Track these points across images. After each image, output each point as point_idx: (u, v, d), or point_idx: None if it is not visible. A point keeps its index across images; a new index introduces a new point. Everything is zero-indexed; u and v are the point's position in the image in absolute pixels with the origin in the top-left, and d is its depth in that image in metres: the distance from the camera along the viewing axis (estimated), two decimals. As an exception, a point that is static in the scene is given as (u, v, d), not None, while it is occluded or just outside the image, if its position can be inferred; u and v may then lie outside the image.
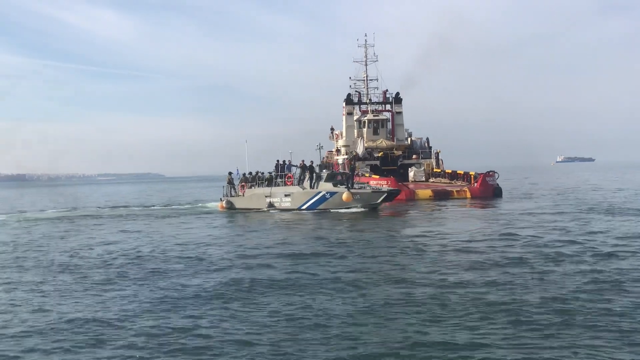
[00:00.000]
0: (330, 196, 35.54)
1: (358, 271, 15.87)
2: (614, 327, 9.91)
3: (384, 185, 42.05)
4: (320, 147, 39.96)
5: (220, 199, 41.69)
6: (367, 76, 60.16)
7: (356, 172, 41.39)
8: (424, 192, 45.30)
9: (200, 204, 48.28)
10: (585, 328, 9.90)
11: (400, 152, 54.30)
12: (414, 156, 53.71)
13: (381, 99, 59.89)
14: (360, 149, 53.75)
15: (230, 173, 42.71)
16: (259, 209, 38.33)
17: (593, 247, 18.27)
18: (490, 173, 45.98)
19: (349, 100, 58.77)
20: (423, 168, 51.56)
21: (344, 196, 34.44)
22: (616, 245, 18.75)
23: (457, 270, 15.43)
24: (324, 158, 65.42)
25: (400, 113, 58.83)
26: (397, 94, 59.20)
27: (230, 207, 40.07)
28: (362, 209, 34.88)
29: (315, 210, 35.55)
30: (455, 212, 34.47)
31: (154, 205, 50.38)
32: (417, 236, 22.88)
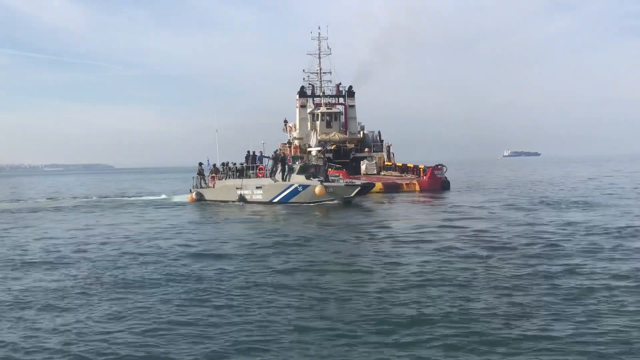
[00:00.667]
0: (303, 189, 34.35)
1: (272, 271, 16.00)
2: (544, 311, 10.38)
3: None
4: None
5: (190, 190, 40.72)
6: (320, 69, 60.28)
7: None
8: (375, 185, 45.83)
9: (152, 197, 47.52)
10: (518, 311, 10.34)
11: (352, 145, 54.87)
12: (366, 149, 54.34)
13: (334, 92, 60.32)
14: (313, 142, 53.79)
15: (200, 164, 41.21)
16: (230, 201, 37.31)
17: (535, 237, 19.00)
18: (439, 166, 46.87)
19: (302, 93, 58.94)
20: (375, 161, 52.14)
21: (317, 190, 33.39)
22: (554, 233, 19.57)
23: (395, 258, 15.79)
24: (277, 150, 65.58)
25: (353, 106, 59.36)
26: (350, 87, 59.73)
27: (200, 198, 39.06)
28: (335, 202, 33.90)
29: (287, 204, 34.45)
30: (402, 204, 35.28)
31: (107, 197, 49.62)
32: (359, 228, 23.24)
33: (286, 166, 35.64)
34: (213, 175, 40.03)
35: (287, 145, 57.96)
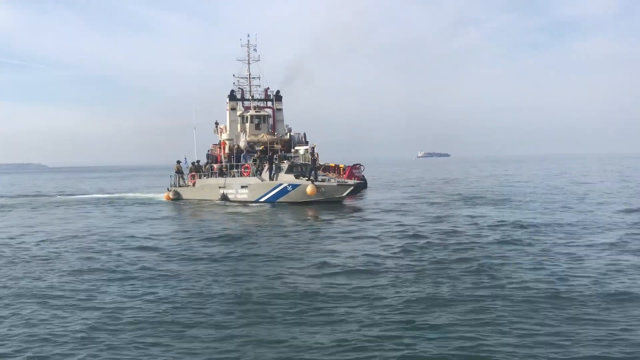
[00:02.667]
0: (292, 189, 32.13)
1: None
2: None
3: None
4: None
5: (168, 189, 38.60)
6: (250, 74, 60.29)
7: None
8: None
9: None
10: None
11: (280, 146, 55.32)
12: (293, 150, 54.95)
13: (263, 96, 60.61)
14: (242, 143, 54.00)
15: (178, 162, 39.54)
16: (210, 200, 35.04)
17: (442, 230, 20.28)
18: (357, 166, 48.22)
19: (232, 97, 58.87)
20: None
21: (308, 189, 31.11)
22: (459, 224, 20.96)
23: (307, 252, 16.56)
24: (209, 150, 64.99)
25: (280, 110, 59.75)
26: (278, 92, 60.18)
27: (178, 197, 36.79)
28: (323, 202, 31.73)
29: (275, 203, 32.56)
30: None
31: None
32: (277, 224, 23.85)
33: (273, 165, 33.37)
34: (193, 173, 37.78)
35: (219, 146, 57.73)
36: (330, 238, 18.77)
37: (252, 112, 57.38)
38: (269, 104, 60.45)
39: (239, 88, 60.56)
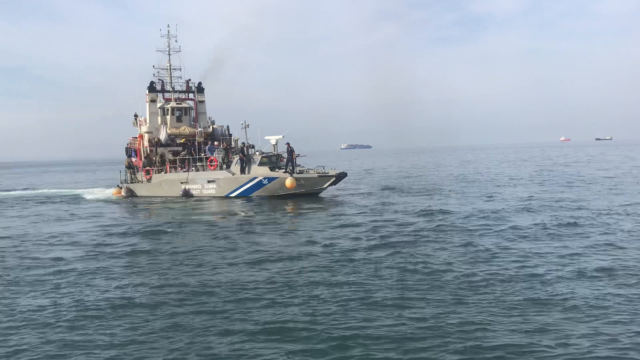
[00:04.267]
0: (269, 182, 30.40)
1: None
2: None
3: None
4: (247, 126, 32.09)
5: (118, 185, 35.18)
6: (170, 65, 58.43)
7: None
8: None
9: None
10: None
11: (202, 139, 54.02)
12: (216, 143, 53.81)
13: (184, 88, 58.91)
14: (162, 136, 52.26)
15: (129, 156, 36.36)
16: (170, 196, 31.90)
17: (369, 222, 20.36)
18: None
19: (152, 88, 56.98)
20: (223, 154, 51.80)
21: (288, 182, 29.55)
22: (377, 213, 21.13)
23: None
24: (128, 143, 62.44)
25: (202, 102, 58.37)
26: (200, 83, 58.74)
27: (131, 195, 33.38)
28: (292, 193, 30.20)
29: (248, 197, 30.58)
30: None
31: None
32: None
33: (245, 157, 30.98)
34: (147, 168, 34.14)
35: (139, 138, 55.69)
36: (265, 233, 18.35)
37: (172, 104, 55.62)
38: (191, 96, 58.98)
39: (159, 79, 58.48)
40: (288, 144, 30.41)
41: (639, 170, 44.54)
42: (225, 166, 31.31)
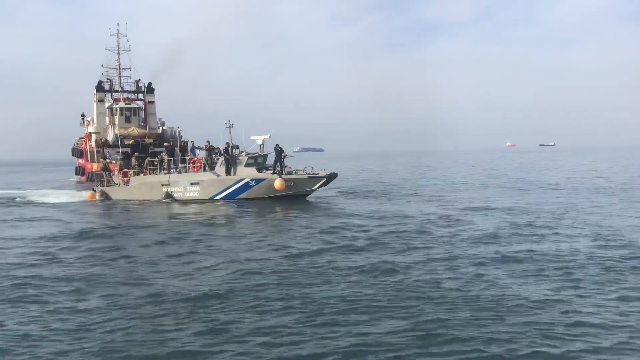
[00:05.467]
0: (256, 183, 28.73)
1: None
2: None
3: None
4: (231, 125, 29.83)
5: (93, 188, 32.68)
6: (120, 65, 57.49)
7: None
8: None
9: None
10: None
11: (151, 140, 53.20)
12: (165, 144, 53.08)
13: (134, 88, 57.90)
14: (110, 136, 51.23)
15: (104, 158, 35.22)
16: (151, 200, 30.10)
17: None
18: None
19: (100, 88, 55.93)
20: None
21: (277, 184, 28.01)
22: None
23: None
24: (74, 144, 60.80)
25: (152, 102, 57.65)
26: (150, 84, 57.97)
27: (106, 198, 31.34)
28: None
29: (236, 200, 28.94)
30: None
31: None
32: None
33: (230, 158, 29.14)
34: (125, 170, 32.07)
35: (86, 138, 54.52)
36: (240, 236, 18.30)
37: (121, 104, 54.69)
38: (141, 96, 57.97)
39: (108, 79, 57.38)
40: (277, 144, 29.22)
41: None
42: (208, 167, 29.81)
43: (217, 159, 29.64)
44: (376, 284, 11.53)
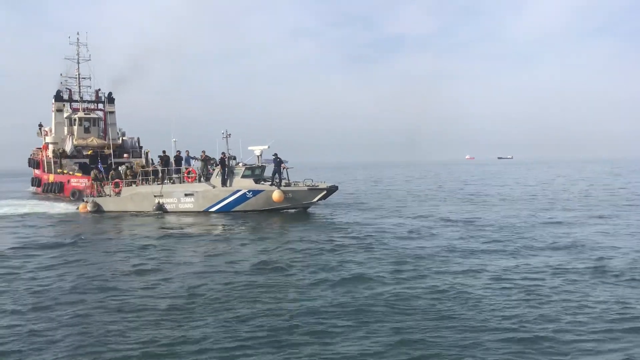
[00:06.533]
0: (254, 195, 27.67)
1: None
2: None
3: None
4: (228, 135, 28.75)
5: (84, 199, 31.76)
6: (79, 74, 56.21)
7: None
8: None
9: None
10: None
11: (111, 151, 52.13)
12: (125, 155, 52.07)
13: (94, 98, 56.72)
14: (68, 147, 49.95)
15: (95, 167, 33.15)
16: (142, 211, 29.12)
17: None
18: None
19: (58, 97, 54.50)
20: (133, 167, 50.39)
21: (275, 195, 26.84)
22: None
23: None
24: (31, 154, 58.99)
25: (113, 112, 56.47)
26: (110, 93, 56.84)
27: (98, 210, 30.21)
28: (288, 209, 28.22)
29: (231, 212, 27.92)
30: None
31: None
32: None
33: (226, 168, 28.19)
34: (117, 180, 31.11)
35: (44, 149, 52.98)
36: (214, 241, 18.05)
37: (80, 114, 53.43)
38: (101, 106, 56.78)
39: (67, 88, 56.01)
40: (276, 154, 28.29)
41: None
42: (204, 178, 28.96)
43: (213, 170, 28.83)
44: (344, 295, 11.64)
